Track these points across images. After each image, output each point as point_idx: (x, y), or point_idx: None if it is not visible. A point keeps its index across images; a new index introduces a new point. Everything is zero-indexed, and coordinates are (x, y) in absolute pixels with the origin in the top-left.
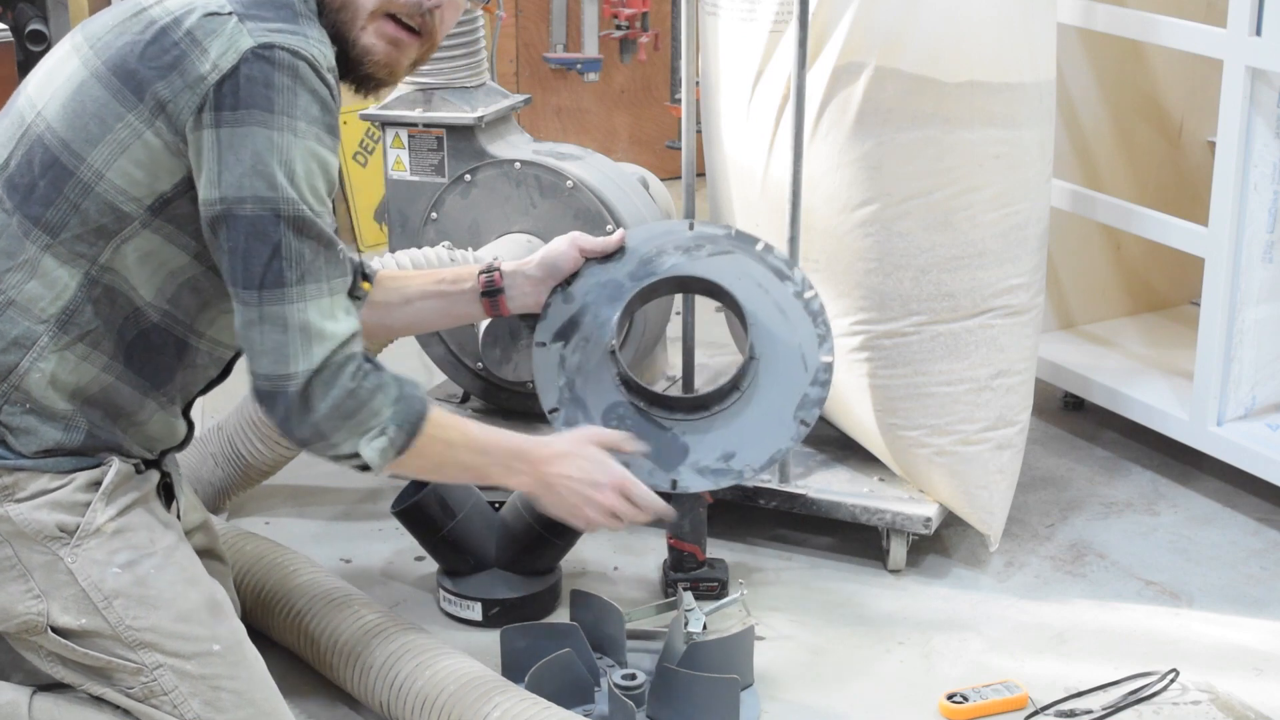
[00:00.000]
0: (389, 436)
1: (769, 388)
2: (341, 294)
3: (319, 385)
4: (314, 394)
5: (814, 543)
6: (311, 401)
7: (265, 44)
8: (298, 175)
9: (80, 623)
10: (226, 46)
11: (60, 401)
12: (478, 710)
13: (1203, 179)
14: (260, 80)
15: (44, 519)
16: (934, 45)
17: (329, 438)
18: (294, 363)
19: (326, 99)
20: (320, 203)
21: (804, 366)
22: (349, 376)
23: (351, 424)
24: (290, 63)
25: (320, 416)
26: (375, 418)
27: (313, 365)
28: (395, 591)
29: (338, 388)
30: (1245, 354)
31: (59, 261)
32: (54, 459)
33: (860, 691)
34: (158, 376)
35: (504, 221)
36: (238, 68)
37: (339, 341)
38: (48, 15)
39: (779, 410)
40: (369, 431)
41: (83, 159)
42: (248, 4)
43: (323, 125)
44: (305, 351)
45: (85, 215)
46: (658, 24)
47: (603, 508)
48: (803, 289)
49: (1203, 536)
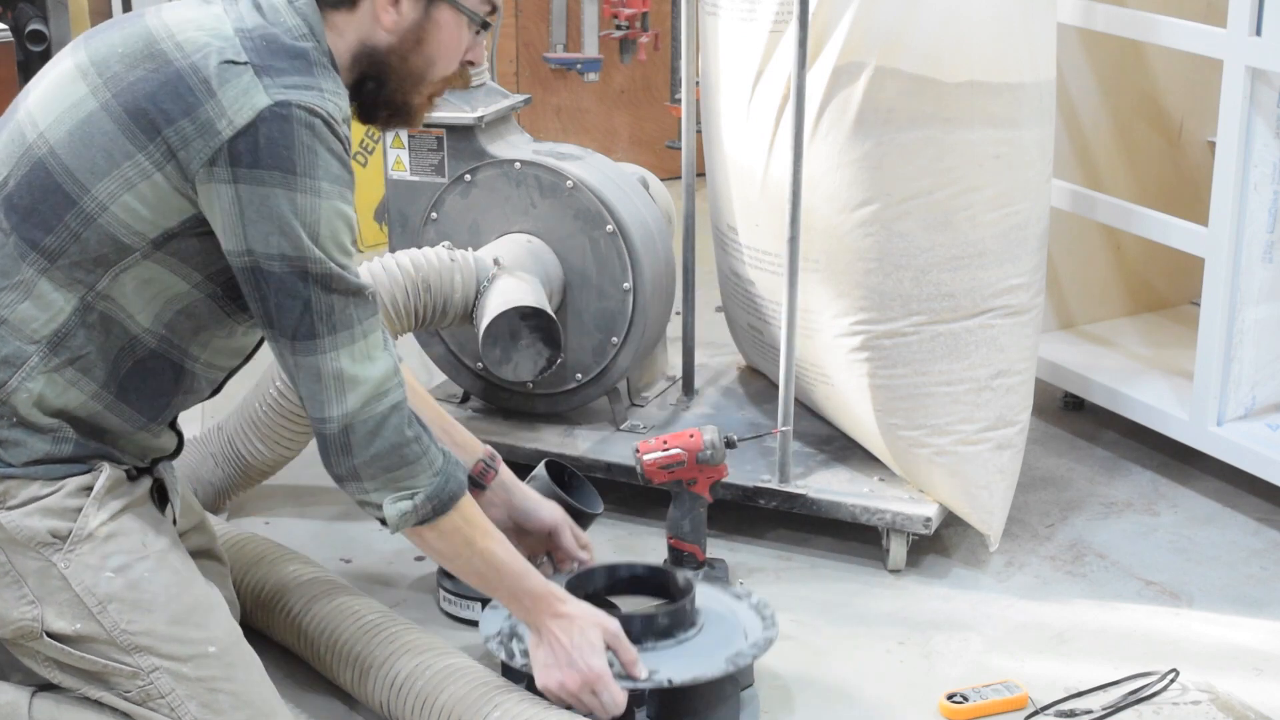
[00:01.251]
0: (415, 504)
1: (704, 640)
2: (375, 332)
3: (360, 430)
4: (354, 438)
5: (814, 543)
6: (351, 445)
7: (284, 101)
8: (322, 235)
9: (75, 628)
10: (242, 101)
11: (44, 418)
12: (478, 710)
13: (1203, 179)
14: (280, 141)
15: (36, 525)
16: (934, 45)
17: (363, 482)
18: (329, 408)
19: (342, 154)
20: (346, 255)
21: (744, 636)
22: (397, 430)
23: (388, 477)
24: (308, 121)
25: (361, 461)
26: (411, 480)
27: (347, 410)
28: (395, 591)
29: (383, 438)
30: (1245, 354)
31: (55, 285)
32: (44, 466)
33: (860, 691)
34: (151, 406)
35: (504, 221)
36: (255, 125)
37: (374, 384)
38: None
39: (710, 654)
40: (401, 491)
41: (87, 190)
42: (263, 53)
43: (343, 183)
44: (340, 398)
45: (85, 244)
46: (658, 24)
47: (565, 687)
48: (758, 605)
49: (1203, 536)
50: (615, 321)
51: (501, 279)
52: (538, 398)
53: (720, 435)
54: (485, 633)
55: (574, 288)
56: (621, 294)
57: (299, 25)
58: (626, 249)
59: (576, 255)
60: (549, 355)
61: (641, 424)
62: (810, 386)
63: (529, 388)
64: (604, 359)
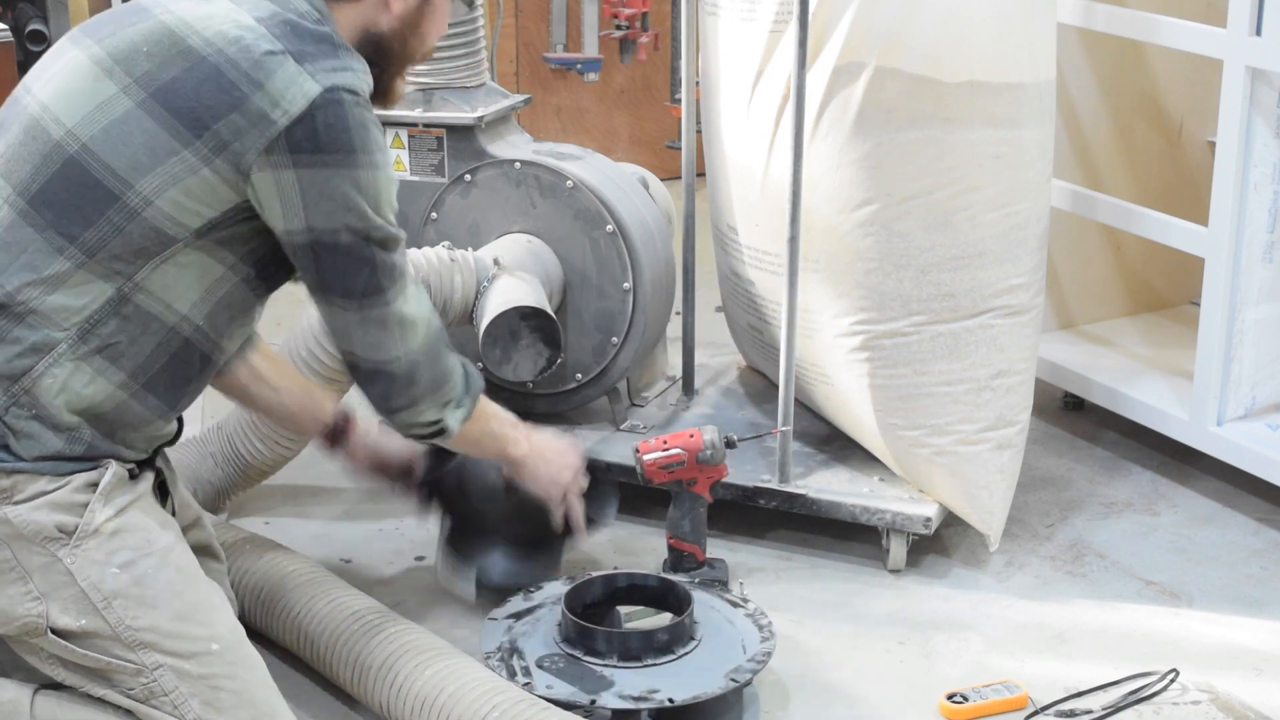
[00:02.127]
0: (465, 408)
1: (703, 655)
2: (409, 269)
3: (424, 364)
4: (418, 372)
5: (814, 543)
6: (415, 377)
7: (332, 86)
8: (382, 204)
9: (80, 624)
10: (293, 90)
11: (67, 415)
12: (477, 710)
13: (1203, 179)
14: (338, 125)
15: (43, 520)
16: (934, 45)
17: (419, 405)
18: (395, 348)
19: (378, 124)
20: (394, 213)
21: (743, 649)
22: (447, 355)
23: (437, 395)
24: (356, 101)
25: (420, 390)
26: (454, 390)
27: (412, 347)
28: (395, 591)
29: (439, 366)
30: (1245, 354)
31: (92, 276)
32: (52, 463)
33: (860, 691)
34: (174, 395)
35: (504, 221)
36: (310, 113)
37: (426, 318)
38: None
39: (709, 669)
40: (449, 402)
41: (130, 185)
42: (292, 39)
43: (386, 150)
44: (404, 339)
45: (128, 237)
46: (658, 24)
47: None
48: (755, 614)
49: (1203, 536)
50: (615, 321)
51: (501, 279)
52: (538, 398)
53: (720, 435)
54: (485, 648)
55: (574, 288)
56: (621, 294)
57: (309, 10)
58: (626, 249)
59: (576, 255)
60: (549, 355)
61: (641, 424)
62: (810, 386)
63: (529, 388)
64: (604, 359)
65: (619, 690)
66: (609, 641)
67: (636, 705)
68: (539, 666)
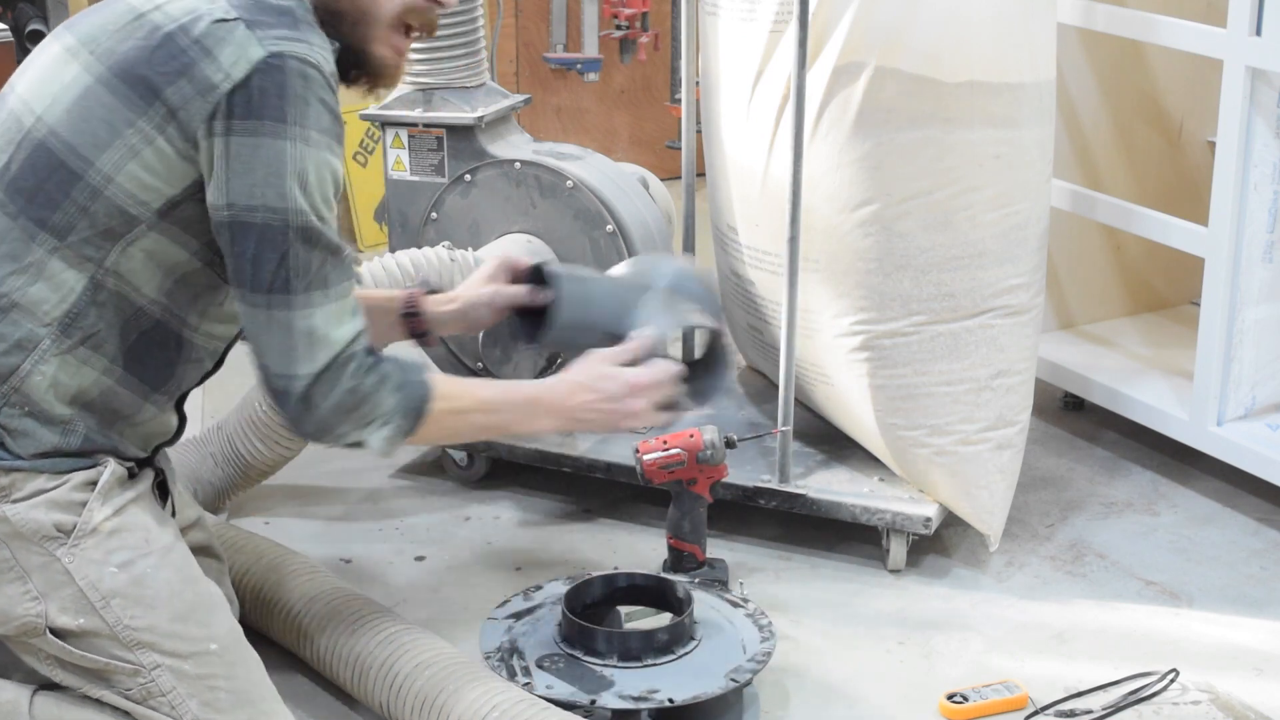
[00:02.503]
0: (394, 425)
1: (703, 655)
2: (348, 298)
3: (323, 386)
4: (316, 395)
5: (814, 543)
6: (314, 400)
7: (277, 52)
8: (310, 185)
9: (78, 623)
10: (238, 55)
11: (59, 406)
12: (477, 710)
13: (1203, 179)
14: (274, 90)
15: (41, 518)
16: (934, 45)
17: (334, 430)
18: (299, 365)
19: (334, 107)
20: (329, 209)
21: (743, 649)
22: (349, 375)
23: (355, 417)
24: (302, 71)
25: (324, 414)
26: (378, 409)
27: (316, 368)
28: (395, 591)
29: (339, 388)
30: (1245, 354)
31: (66, 264)
32: (51, 460)
33: (860, 691)
34: (157, 376)
35: (504, 221)
36: (250, 77)
37: (342, 345)
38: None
39: (709, 669)
40: (373, 423)
41: (91, 163)
42: (251, 10)
43: (333, 134)
44: (309, 355)
45: (94, 218)
46: (658, 24)
47: (635, 414)
48: (755, 614)
49: (1203, 536)
50: None
51: None
52: None
53: (720, 435)
54: (484, 649)
55: None
56: None
57: None
58: (626, 249)
59: (576, 255)
60: (549, 355)
61: None
62: (810, 386)
63: None
64: None
65: (619, 690)
66: (609, 641)
67: (636, 705)
68: (539, 666)
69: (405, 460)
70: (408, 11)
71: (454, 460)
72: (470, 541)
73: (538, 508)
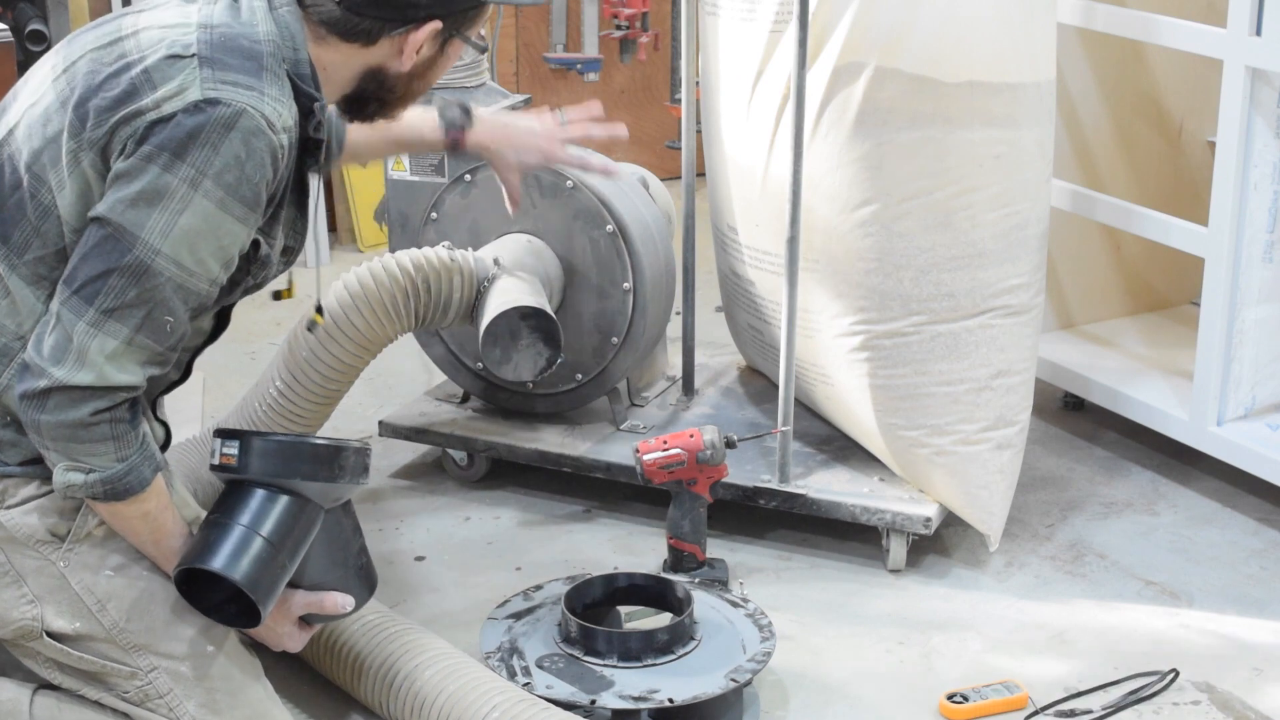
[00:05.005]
0: (85, 480)
1: (703, 655)
2: (142, 353)
3: (62, 399)
4: (51, 401)
5: (814, 543)
6: (46, 405)
7: (213, 99)
8: (177, 227)
9: (75, 627)
10: (175, 92)
11: None
12: (476, 710)
13: (1203, 179)
14: (189, 130)
15: (35, 524)
16: (934, 45)
17: (42, 439)
18: (59, 367)
19: (260, 162)
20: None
21: (743, 649)
22: (89, 412)
23: (65, 447)
24: (229, 120)
25: (45, 421)
26: (89, 458)
27: (68, 381)
28: (395, 591)
29: (72, 414)
30: (1245, 354)
31: (24, 282)
32: (42, 466)
33: (860, 691)
34: None
35: (504, 221)
36: (175, 114)
37: (106, 385)
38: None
39: (709, 669)
40: (77, 463)
41: (44, 182)
42: (215, 47)
43: (236, 193)
44: (74, 368)
45: (45, 238)
46: (658, 24)
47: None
48: (755, 614)
49: (1203, 536)
50: (615, 321)
51: (501, 279)
52: (538, 398)
53: (720, 435)
54: (485, 649)
55: (574, 288)
56: (621, 294)
57: (271, 31)
58: (626, 249)
59: (576, 255)
60: (549, 355)
61: (641, 424)
62: (810, 386)
63: (529, 388)
64: (604, 359)
65: (619, 690)
66: (609, 641)
67: (636, 705)
68: (539, 666)
69: (405, 460)
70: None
71: (454, 460)
72: (470, 541)
73: (538, 508)
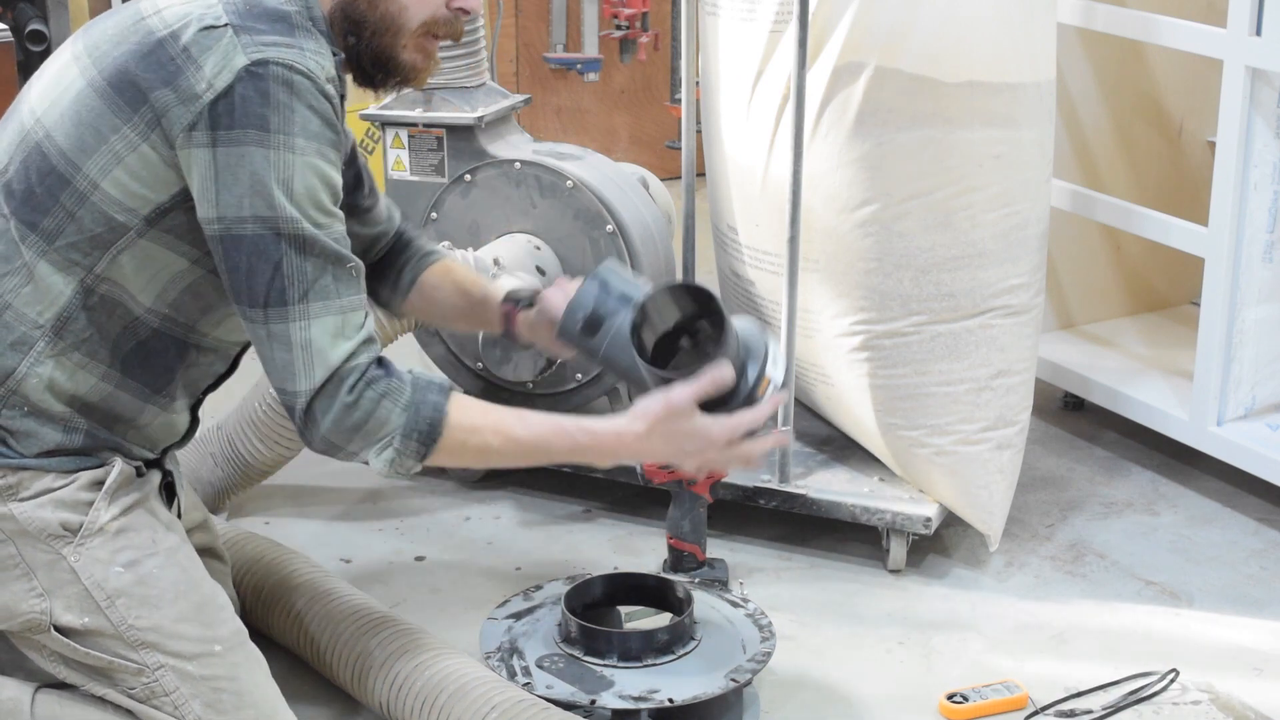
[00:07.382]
0: (396, 448)
1: (703, 655)
2: (354, 311)
3: (322, 402)
4: (317, 411)
5: (814, 543)
6: (315, 417)
7: (260, 60)
8: (296, 192)
9: (83, 621)
10: (222, 63)
11: (58, 405)
12: (477, 711)
13: (1203, 179)
14: (255, 99)
15: (48, 517)
16: (934, 45)
17: (343, 448)
18: (299, 380)
19: (327, 112)
20: (324, 215)
21: (743, 649)
22: (346, 391)
23: (360, 435)
24: (286, 78)
25: (325, 431)
26: (384, 428)
27: (314, 385)
28: (395, 591)
29: (336, 405)
30: (1245, 354)
31: (54, 268)
32: (57, 459)
33: (860, 691)
34: (157, 381)
35: (504, 221)
36: (233, 86)
37: (341, 359)
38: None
39: (710, 669)
40: (379, 442)
41: (79, 168)
42: (244, 14)
43: (323, 139)
44: (308, 371)
45: (81, 224)
46: (658, 24)
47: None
48: (755, 614)
49: (1203, 536)
50: None
51: (501, 279)
52: (538, 398)
53: None
54: (485, 649)
55: None
56: None
57: None
58: (626, 249)
59: (576, 255)
60: (549, 355)
61: None
62: (810, 386)
63: (529, 388)
64: None
65: (619, 690)
66: (609, 641)
67: (636, 705)
68: (539, 666)
69: None
70: (434, 22)
71: None
72: (470, 541)
73: (538, 508)
